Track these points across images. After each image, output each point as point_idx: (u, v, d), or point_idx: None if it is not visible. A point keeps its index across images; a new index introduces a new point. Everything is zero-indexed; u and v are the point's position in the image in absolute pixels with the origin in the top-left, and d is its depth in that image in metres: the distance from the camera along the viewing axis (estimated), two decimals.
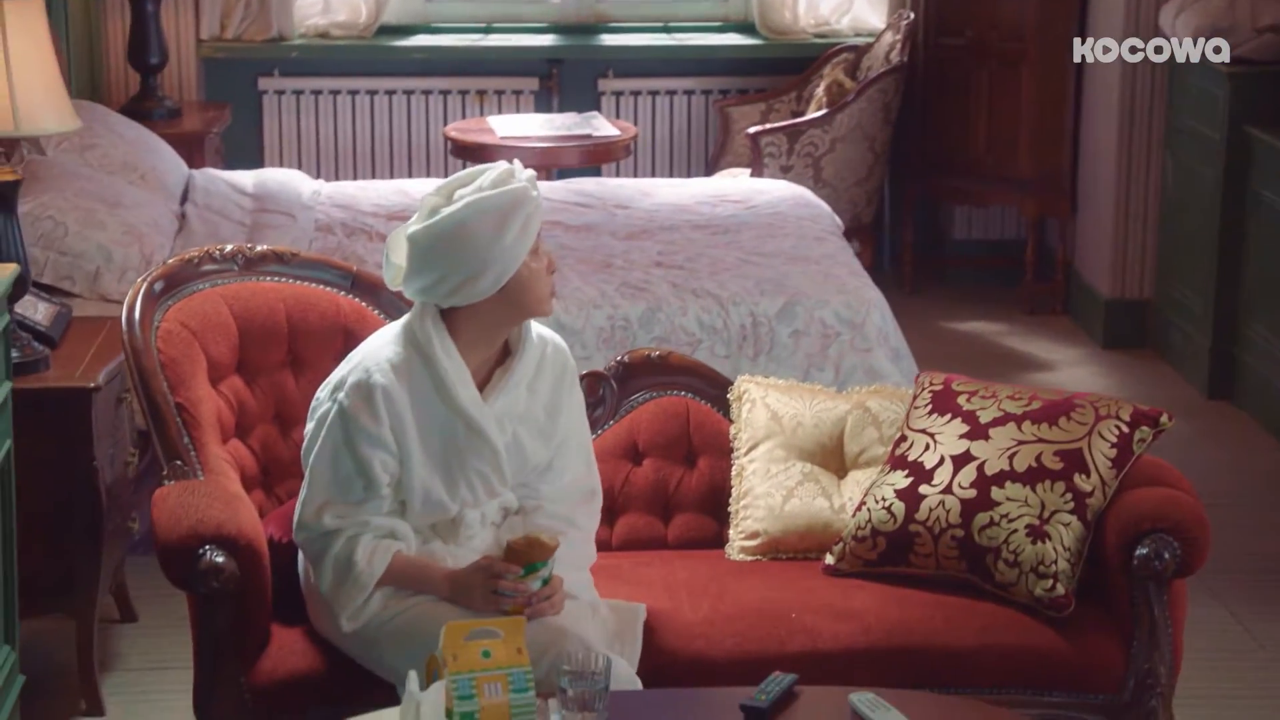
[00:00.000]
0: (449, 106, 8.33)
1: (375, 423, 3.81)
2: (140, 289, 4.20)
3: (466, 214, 3.77)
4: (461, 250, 3.78)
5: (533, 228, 3.83)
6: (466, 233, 3.77)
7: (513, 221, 3.79)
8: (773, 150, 7.67)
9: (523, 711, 3.47)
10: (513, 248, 3.80)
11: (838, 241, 6.29)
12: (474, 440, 3.87)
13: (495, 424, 3.89)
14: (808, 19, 8.48)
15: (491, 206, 3.78)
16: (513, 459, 3.93)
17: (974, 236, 8.75)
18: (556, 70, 8.39)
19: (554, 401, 3.98)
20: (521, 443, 3.94)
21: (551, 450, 3.99)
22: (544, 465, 3.99)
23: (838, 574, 4.28)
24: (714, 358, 5.59)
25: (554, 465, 4.00)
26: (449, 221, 3.78)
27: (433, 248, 3.79)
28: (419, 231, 3.80)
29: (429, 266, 3.81)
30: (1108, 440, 4.22)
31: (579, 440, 4.05)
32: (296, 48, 8.21)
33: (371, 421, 3.81)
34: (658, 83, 8.45)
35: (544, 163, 7.45)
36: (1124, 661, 4.08)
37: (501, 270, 3.80)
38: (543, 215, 3.88)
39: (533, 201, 3.81)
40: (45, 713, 4.72)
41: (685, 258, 6.00)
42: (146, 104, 7.58)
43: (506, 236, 3.78)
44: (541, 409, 3.97)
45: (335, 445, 3.83)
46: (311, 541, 3.85)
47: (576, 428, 4.04)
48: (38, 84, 4.52)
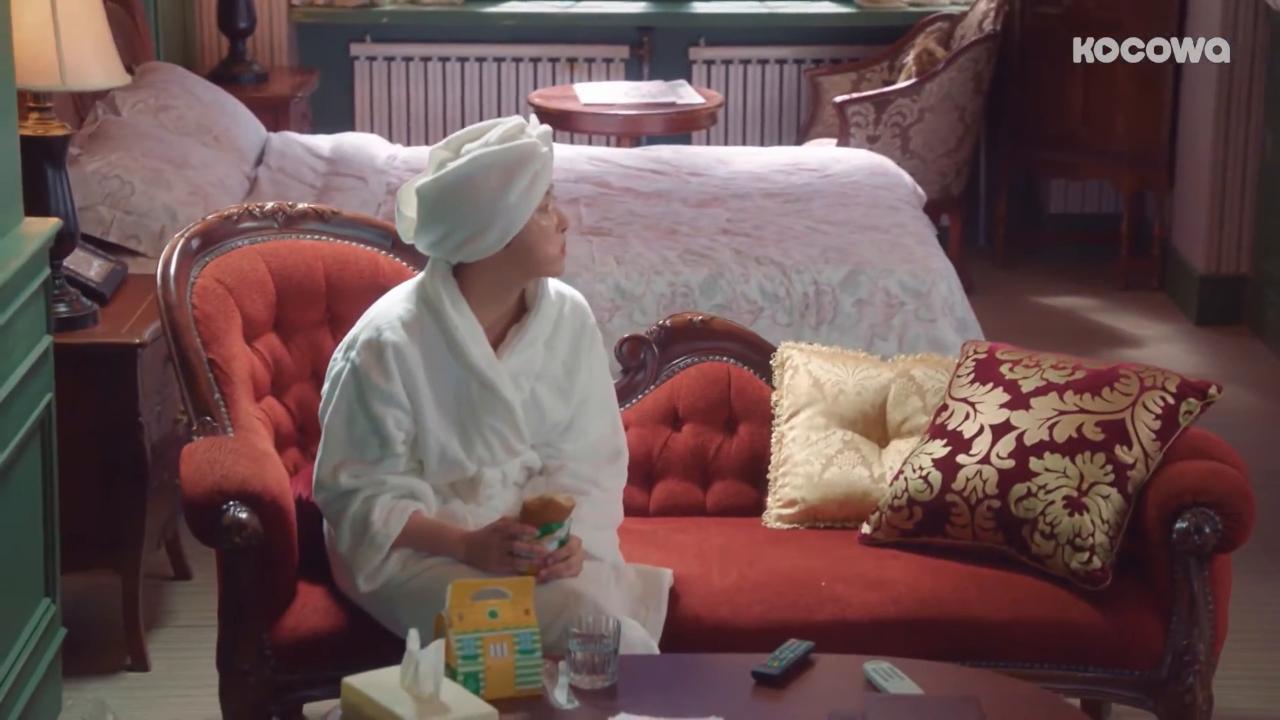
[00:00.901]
0: (539, 74, 8.31)
1: (387, 380, 3.79)
2: (177, 245, 4.20)
3: (471, 169, 3.74)
4: (466, 205, 3.75)
5: (540, 184, 3.78)
6: (471, 188, 3.74)
7: (519, 178, 3.75)
8: (859, 120, 7.58)
9: (528, 672, 3.45)
10: (518, 204, 3.76)
11: (912, 211, 6.21)
12: (488, 397, 3.84)
13: (510, 381, 3.85)
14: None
15: (497, 162, 3.74)
16: (531, 417, 3.90)
17: (1070, 210, 8.60)
18: (647, 38, 8.34)
19: (573, 358, 3.94)
20: (540, 400, 3.90)
21: (571, 408, 3.95)
22: (565, 424, 3.95)
23: (874, 543, 4.22)
24: (775, 326, 5.53)
25: (575, 424, 3.96)
26: (454, 176, 3.75)
27: (439, 202, 3.77)
28: (426, 185, 3.78)
29: (435, 221, 3.78)
30: (1152, 412, 4.12)
31: (601, 399, 4.00)
32: (387, 13, 8.21)
33: (383, 379, 3.79)
34: (749, 51, 8.38)
35: (627, 130, 7.42)
36: (1162, 637, 3.99)
37: (506, 226, 3.77)
38: (552, 169, 3.83)
39: (541, 158, 3.77)
40: (91, 666, 4.75)
41: (753, 225, 5.94)
42: (234, 68, 7.61)
43: (511, 193, 3.74)
44: (560, 366, 3.93)
45: (349, 404, 3.81)
46: (329, 502, 3.84)
47: (599, 386, 3.99)
48: (86, 39, 4.53)
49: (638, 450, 4.41)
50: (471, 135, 3.81)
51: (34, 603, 4.32)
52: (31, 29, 4.46)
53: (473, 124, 3.94)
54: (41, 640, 4.32)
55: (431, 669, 3.29)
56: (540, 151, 3.77)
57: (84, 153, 5.68)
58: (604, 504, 3.96)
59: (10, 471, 4.09)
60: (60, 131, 4.64)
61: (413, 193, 3.82)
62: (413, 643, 3.32)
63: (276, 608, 3.94)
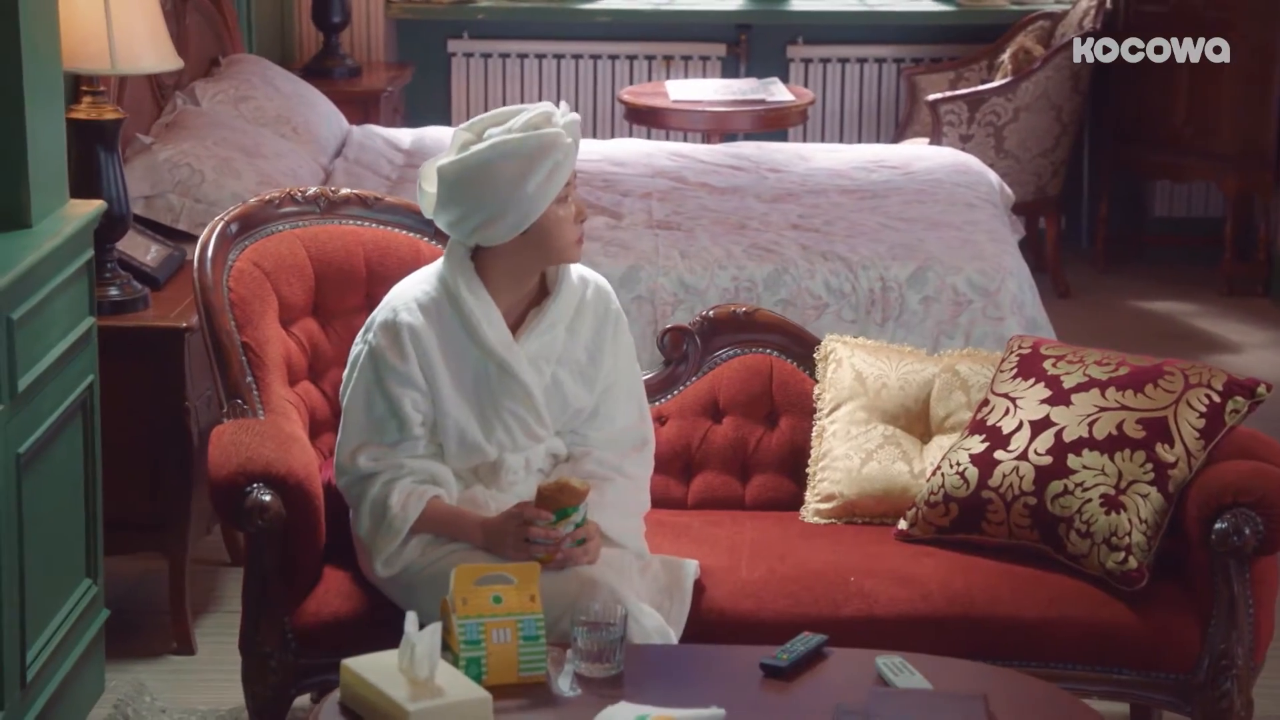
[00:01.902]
0: (635, 71, 8.28)
1: (403, 361, 3.78)
2: (216, 228, 4.20)
3: (491, 155, 3.72)
4: (483, 191, 3.73)
5: (560, 175, 3.75)
6: (490, 174, 3.72)
7: (538, 168, 3.72)
8: (952, 119, 7.49)
9: (532, 659, 3.42)
10: (536, 194, 3.73)
11: (990, 209, 6.11)
12: (506, 381, 3.81)
13: (529, 365, 3.83)
14: None
15: (517, 150, 3.71)
16: (553, 402, 3.87)
17: (1174, 214, 8.44)
18: (745, 36, 8.29)
19: (595, 343, 3.91)
20: (562, 385, 3.87)
21: (596, 394, 3.91)
22: (589, 410, 3.91)
23: (910, 540, 4.15)
24: (840, 322, 5.47)
25: (601, 411, 3.93)
26: (474, 160, 3.73)
27: (456, 184, 3.75)
28: (446, 165, 3.76)
29: (453, 202, 3.77)
30: (1196, 410, 4.02)
31: (628, 386, 3.96)
32: (483, 9, 8.22)
33: (399, 360, 3.78)
34: (848, 50, 8.31)
35: (715, 126, 7.38)
36: (1200, 640, 3.89)
37: (522, 215, 3.74)
38: (574, 160, 3.79)
39: (562, 149, 3.73)
40: (138, 649, 4.77)
41: (823, 221, 5.88)
42: (327, 62, 7.65)
43: (529, 183, 3.71)
44: (582, 351, 3.90)
45: (368, 386, 3.81)
46: (350, 485, 3.83)
47: (625, 373, 3.96)
48: (138, 23, 4.56)
49: (677, 442, 4.37)
50: (496, 119, 3.79)
51: (74, 582, 4.35)
52: (83, 13, 4.49)
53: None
54: (81, 619, 4.35)
55: (427, 652, 3.27)
56: (562, 142, 3.74)
57: (158, 141, 5.72)
58: (628, 491, 3.92)
59: (48, 450, 4.12)
60: (113, 115, 4.66)
61: (434, 170, 3.80)
62: (409, 625, 3.31)
63: (300, 591, 3.93)
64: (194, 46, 6.37)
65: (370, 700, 3.28)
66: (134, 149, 5.64)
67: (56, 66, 4.26)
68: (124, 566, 5.00)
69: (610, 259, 5.55)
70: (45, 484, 4.12)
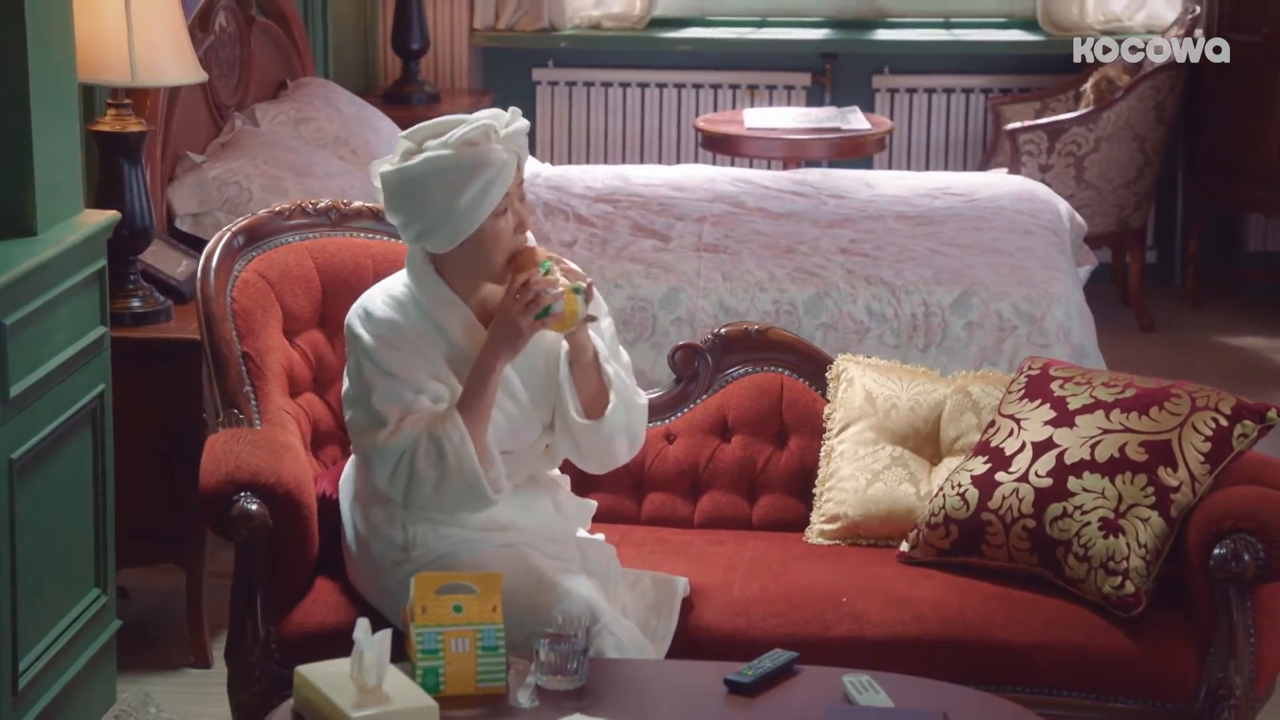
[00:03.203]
0: (719, 100, 8.25)
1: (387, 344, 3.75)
2: (223, 238, 4.21)
3: (424, 169, 3.71)
4: (417, 203, 3.73)
5: (494, 191, 3.71)
6: (422, 188, 3.71)
7: (470, 185, 3.69)
8: (1031, 148, 7.39)
9: (490, 670, 3.39)
10: (468, 210, 3.71)
11: (1049, 237, 6.00)
12: None
13: None
14: (1096, 14, 8.16)
15: (449, 167, 3.69)
16: (533, 385, 3.83)
17: (1269, 248, 8.27)
18: (830, 66, 8.23)
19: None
20: (537, 368, 3.84)
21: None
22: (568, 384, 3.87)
23: (912, 562, 4.07)
24: (882, 346, 5.40)
25: None
26: (408, 173, 3.72)
27: (395, 194, 3.77)
28: (386, 174, 3.77)
29: (392, 209, 3.80)
30: (1201, 434, 3.92)
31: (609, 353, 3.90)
32: (566, 38, 8.23)
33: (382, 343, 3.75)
34: (934, 80, 8.22)
35: (790, 154, 7.33)
36: (1198, 669, 3.78)
37: (455, 230, 3.73)
38: (511, 175, 3.73)
39: (496, 165, 3.69)
40: (153, 661, 4.79)
41: (873, 246, 5.81)
42: (406, 88, 7.70)
43: (461, 199, 3.69)
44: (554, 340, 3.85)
45: (367, 378, 3.76)
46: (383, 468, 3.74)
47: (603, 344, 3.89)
48: (160, 36, 4.59)
49: (684, 460, 4.33)
50: (436, 130, 3.77)
51: (80, 592, 4.37)
52: (104, 26, 4.53)
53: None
54: (86, 629, 4.37)
55: (375, 659, 3.25)
56: (497, 159, 3.70)
57: (209, 160, 5.77)
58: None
59: (49, 457, 4.14)
60: (137, 128, 4.70)
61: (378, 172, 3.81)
62: (359, 632, 3.28)
63: (287, 601, 3.92)
64: (258, 69, 6.41)
65: (318, 706, 3.27)
66: (184, 167, 5.69)
67: (70, 77, 4.30)
68: (151, 579, 5.02)
69: (651, 281, 5.52)
70: (45, 491, 4.14)
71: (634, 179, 6.62)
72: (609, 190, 6.44)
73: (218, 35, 6.04)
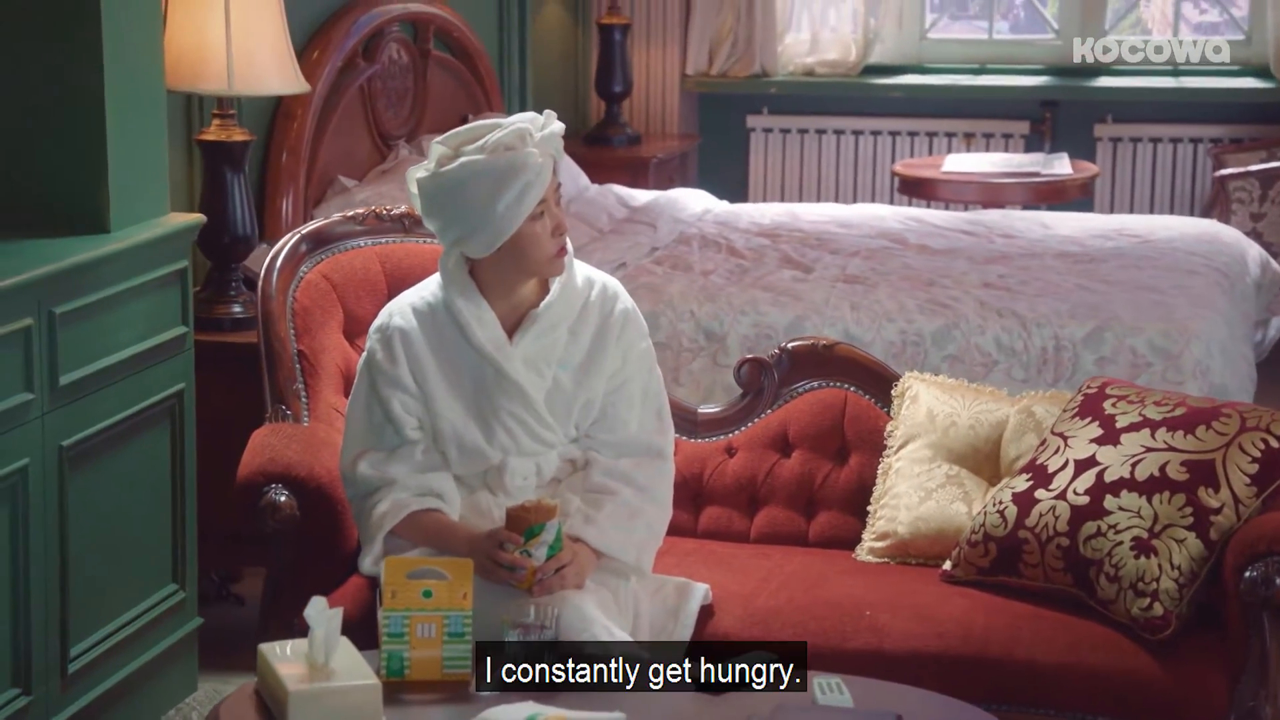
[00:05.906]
0: (934, 147, 8.13)
1: (392, 364, 3.79)
2: (290, 240, 4.29)
3: (462, 174, 3.71)
4: (455, 209, 3.73)
5: (532, 195, 3.70)
6: (460, 194, 3.71)
7: (508, 189, 3.69)
8: (1242, 195, 7.14)
9: (456, 657, 3.36)
10: (506, 214, 3.70)
11: (1215, 277, 5.78)
12: (502, 383, 3.78)
13: (524, 366, 3.78)
14: None
15: (486, 171, 3.69)
16: (556, 404, 3.81)
17: None
18: (1050, 114, 8.06)
19: (597, 344, 3.84)
20: (563, 386, 3.82)
21: (600, 395, 3.83)
22: (596, 411, 3.84)
23: (954, 581, 3.95)
24: (1010, 380, 5.25)
25: (610, 414, 3.84)
26: (446, 179, 3.73)
27: (432, 199, 3.77)
28: (423, 180, 3.78)
29: (430, 215, 3.80)
30: (1248, 455, 3.73)
31: (642, 389, 3.87)
32: (777, 84, 8.20)
33: (389, 363, 3.79)
34: (1160, 129, 7.99)
35: (986, 199, 7.20)
36: (1227, 696, 3.59)
37: (494, 234, 3.72)
38: (548, 178, 3.73)
39: (533, 169, 3.69)
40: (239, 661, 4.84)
41: (1018, 281, 5.66)
42: (609, 130, 7.77)
43: (499, 204, 3.69)
44: (583, 352, 3.84)
45: (366, 393, 3.83)
46: (350, 493, 3.85)
47: (637, 376, 3.87)
48: (260, 47, 4.70)
49: (743, 474, 4.27)
50: (472, 135, 3.78)
51: (154, 585, 4.45)
52: (205, 37, 4.65)
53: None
54: (159, 622, 4.44)
55: (324, 636, 3.25)
56: (533, 163, 3.69)
57: (361, 184, 5.87)
58: (635, 504, 3.80)
59: (113, 449, 4.22)
60: (241, 138, 4.81)
61: (414, 179, 3.82)
62: (310, 609, 3.29)
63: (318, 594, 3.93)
64: (434, 102, 6.52)
65: (269, 682, 3.28)
66: (335, 190, 5.81)
67: (157, 83, 4.41)
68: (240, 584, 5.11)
69: (778, 308, 5.46)
70: (106, 482, 4.21)
71: (802, 216, 6.56)
72: (774, 226, 6.40)
73: (385, 65, 6.16)
